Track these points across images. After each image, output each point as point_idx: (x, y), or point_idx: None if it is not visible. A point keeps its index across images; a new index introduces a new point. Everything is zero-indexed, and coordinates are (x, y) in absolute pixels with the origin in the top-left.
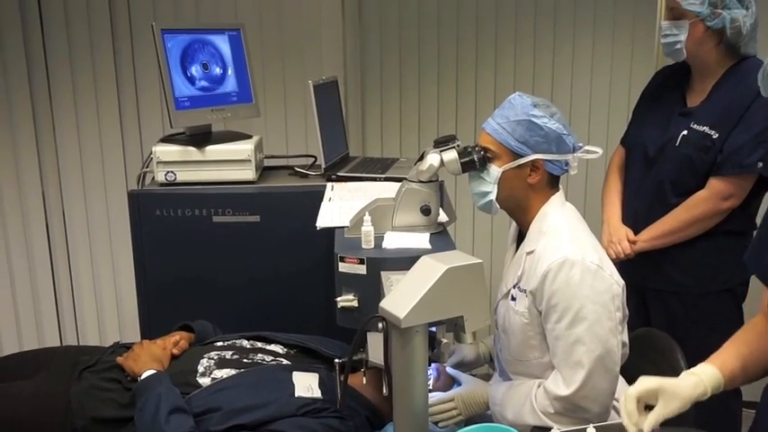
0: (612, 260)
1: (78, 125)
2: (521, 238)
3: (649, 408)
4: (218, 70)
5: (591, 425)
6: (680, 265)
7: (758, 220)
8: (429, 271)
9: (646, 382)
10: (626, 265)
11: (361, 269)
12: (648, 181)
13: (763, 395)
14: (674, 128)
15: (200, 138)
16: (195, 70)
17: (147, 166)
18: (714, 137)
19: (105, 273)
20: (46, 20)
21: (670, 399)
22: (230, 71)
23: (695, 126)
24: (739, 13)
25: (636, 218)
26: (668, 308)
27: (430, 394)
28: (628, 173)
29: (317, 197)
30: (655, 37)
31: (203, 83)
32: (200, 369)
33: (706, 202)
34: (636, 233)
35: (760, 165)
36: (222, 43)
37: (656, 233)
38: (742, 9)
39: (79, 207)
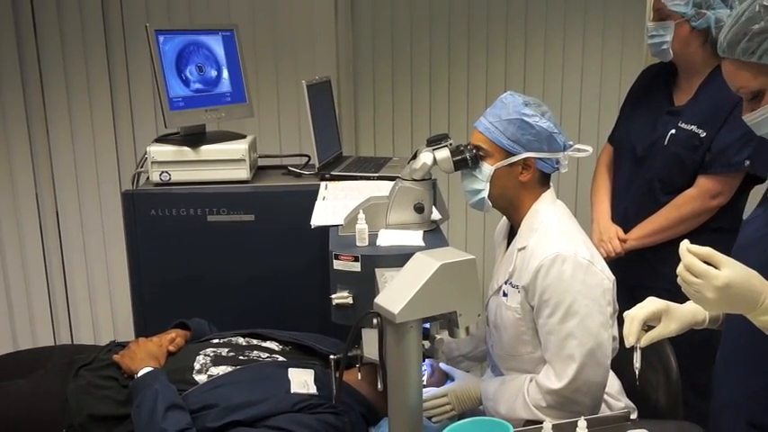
0: (603, 259)
1: (72, 125)
2: (512, 234)
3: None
4: (213, 73)
5: (582, 417)
6: (670, 262)
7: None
8: (423, 267)
9: (652, 304)
10: (617, 264)
11: (356, 266)
12: (638, 180)
13: (714, 371)
14: (661, 127)
15: (195, 138)
16: (190, 72)
17: (142, 166)
18: (702, 136)
19: (99, 273)
20: (39, 20)
21: (671, 320)
22: (224, 72)
23: (683, 125)
24: (724, 13)
25: (625, 216)
26: None
27: (424, 390)
28: (617, 172)
29: (310, 196)
30: (644, 35)
31: (198, 85)
32: (197, 366)
33: (695, 200)
34: (626, 231)
35: (747, 163)
36: (216, 44)
37: (645, 231)
38: (726, 9)
39: (73, 207)
